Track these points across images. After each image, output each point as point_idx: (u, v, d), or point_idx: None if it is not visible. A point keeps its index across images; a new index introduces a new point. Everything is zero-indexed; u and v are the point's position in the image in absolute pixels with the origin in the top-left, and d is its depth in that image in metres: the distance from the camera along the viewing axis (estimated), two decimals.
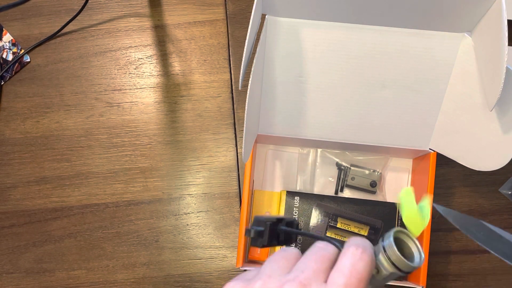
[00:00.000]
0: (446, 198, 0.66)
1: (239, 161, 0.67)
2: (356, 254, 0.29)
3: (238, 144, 0.67)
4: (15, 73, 0.70)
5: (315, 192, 0.65)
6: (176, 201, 0.66)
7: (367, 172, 0.65)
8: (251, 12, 0.47)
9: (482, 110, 0.52)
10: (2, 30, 0.71)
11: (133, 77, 0.69)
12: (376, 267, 0.31)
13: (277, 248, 0.42)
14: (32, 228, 0.66)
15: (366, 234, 0.60)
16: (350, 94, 0.58)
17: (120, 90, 0.69)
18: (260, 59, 0.54)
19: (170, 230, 0.66)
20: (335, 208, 0.61)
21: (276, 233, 0.36)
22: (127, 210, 0.66)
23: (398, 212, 0.61)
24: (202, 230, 0.66)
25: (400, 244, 0.32)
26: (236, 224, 0.66)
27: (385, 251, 0.31)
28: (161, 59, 0.70)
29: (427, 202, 0.33)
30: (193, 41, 0.70)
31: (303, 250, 0.32)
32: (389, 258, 0.31)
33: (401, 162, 0.66)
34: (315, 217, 0.61)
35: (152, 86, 0.69)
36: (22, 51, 0.70)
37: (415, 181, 0.64)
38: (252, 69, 0.48)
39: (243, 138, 0.49)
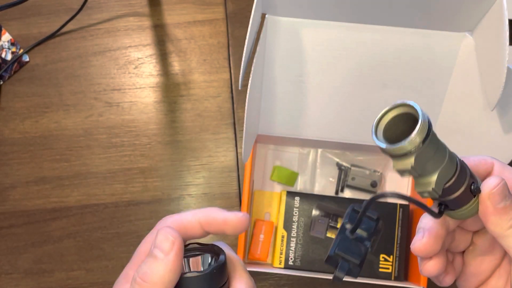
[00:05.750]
0: None
1: (239, 161, 0.67)
2: None
3: (238, 144, 0.67)
4: (14, 72, 0.69)
5: (315, 192, 0.65)
6: (175, 201, 0.66)
7: (367, 172, 0.65)
8: (251, 11, 0.47)
9: (483, 110, 0.52)
10: (1, 30, 0.70)
11: (133, 76, 0.69)
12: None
13: None
14: (31, 229, 0.66)
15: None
16: (350, 94, 0.57)
17: (120, 89, 0.69)
18: (260, 59, 0.54)
19: None
20: (336, 208, 0.61)
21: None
22: (126, 211, 0.66)
23: (399, 212, 0.61)
24: None
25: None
26: None
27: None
28: (161, 59, 0.69)
29: None
30: (192, 40, 0.69)
31: None
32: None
33: None
34: (315, 218, 0.61)
35: (152, 85, 0.69)
36: (21, 50, 0.70)
37: None
38: (252, 68, 0.48)
39: (243, 138, 0.48)
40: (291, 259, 0.60)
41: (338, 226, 0.61)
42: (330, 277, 0.57)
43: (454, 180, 0.29)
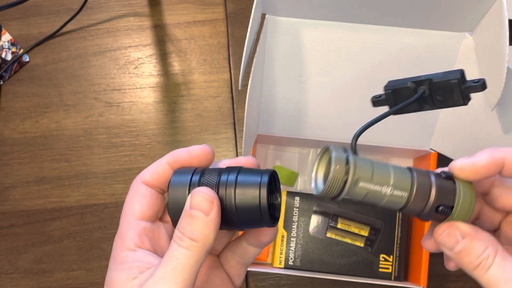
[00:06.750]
0: None
1: None
2: None
3: (238, 144, 0.67)
4: (14, 72, 0.69)
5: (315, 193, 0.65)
6: None
7: None
8: (251, 11, 0.47)
9: (483, 110, 0.52)
10: (1, 30, 0.70)
11: (133, 76, 0.69)
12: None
13: None
14: (31, 229, 0.66)
15: (366, 234, 0.60)
16: (350, 94, 0.57)
17: (120, 90, 0.69)
18: (260, 59, 0.54)
19: None
20: (335, 208, 0.61)
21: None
22: None
23: (399, 212, 0.61)
24: None
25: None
26: None
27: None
28: (161, 59, 0.69)
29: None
30: (192, 40, 0.70)
31: None
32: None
33: (402, 162, 0.65)
34: (315, 218, 0.61)
35: (152, 85, 0.69)
36: (21, 50, 0.70)
37: None
38: (252, 68, 0.48)
39: (243, 138, 0.48)
40: (291, 259, 0.60)
41: (338, 226, 0.61)
42: (330, 277, 0.57)
43: (411, 204, 0.32)
